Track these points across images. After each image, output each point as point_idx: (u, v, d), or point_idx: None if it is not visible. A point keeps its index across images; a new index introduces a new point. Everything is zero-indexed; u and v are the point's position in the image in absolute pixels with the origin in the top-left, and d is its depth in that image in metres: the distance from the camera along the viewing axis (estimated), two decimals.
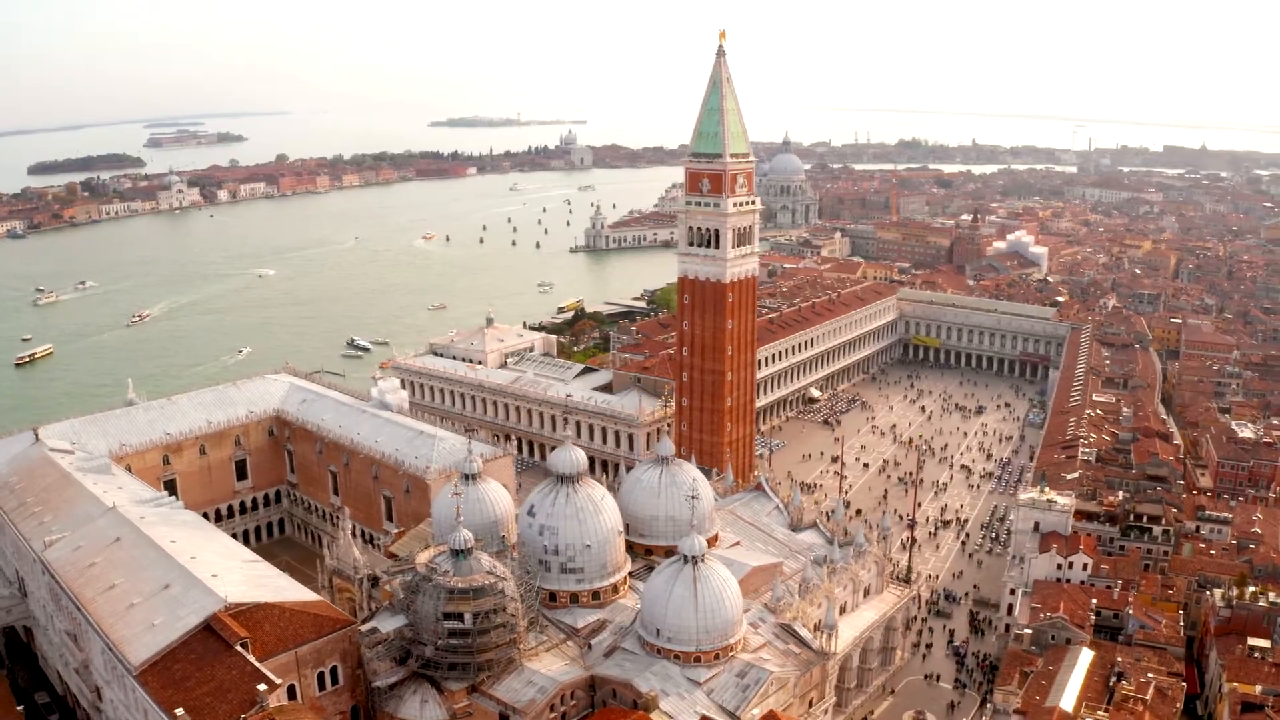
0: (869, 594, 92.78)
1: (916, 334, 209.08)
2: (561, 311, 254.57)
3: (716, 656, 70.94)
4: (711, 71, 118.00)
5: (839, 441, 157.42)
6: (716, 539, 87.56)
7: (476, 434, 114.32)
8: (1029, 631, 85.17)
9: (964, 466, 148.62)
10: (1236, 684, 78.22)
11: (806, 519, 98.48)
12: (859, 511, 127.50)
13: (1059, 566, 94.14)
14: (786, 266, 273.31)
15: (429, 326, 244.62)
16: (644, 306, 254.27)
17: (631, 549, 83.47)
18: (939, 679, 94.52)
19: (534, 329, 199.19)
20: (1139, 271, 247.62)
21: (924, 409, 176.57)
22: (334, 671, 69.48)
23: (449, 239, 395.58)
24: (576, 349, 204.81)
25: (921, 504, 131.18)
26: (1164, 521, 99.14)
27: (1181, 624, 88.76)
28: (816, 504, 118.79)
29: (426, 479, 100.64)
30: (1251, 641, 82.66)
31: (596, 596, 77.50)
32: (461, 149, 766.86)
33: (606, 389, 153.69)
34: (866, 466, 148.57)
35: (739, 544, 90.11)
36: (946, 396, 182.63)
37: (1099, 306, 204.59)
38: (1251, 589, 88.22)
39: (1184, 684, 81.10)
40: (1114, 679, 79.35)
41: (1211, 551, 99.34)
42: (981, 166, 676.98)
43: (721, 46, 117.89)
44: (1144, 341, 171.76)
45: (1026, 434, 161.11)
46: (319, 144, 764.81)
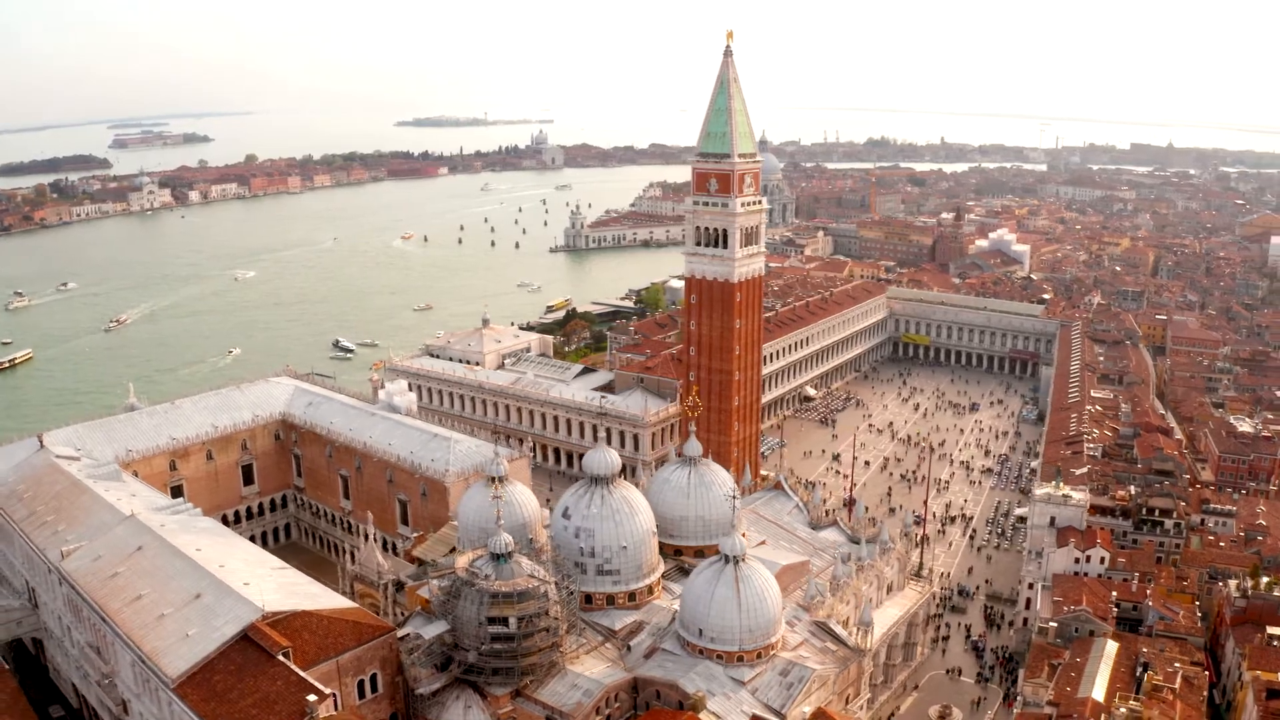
0: (891, 590, 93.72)
1: (906, 332, 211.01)
2: (550, 311, 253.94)
3: (758, 656, 71.08)
4: (719, 71, 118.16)
5: (838, 439, 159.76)
6: (744, 539, 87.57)
7: (502, 437, 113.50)
8: (1054, 624, 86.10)
9: (963, 463, 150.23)
10: (1259, 672, 79.63)
11: (819, 516, 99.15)
12: (866, 509, 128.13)
13: (1076, 560, 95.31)
14: (772, 265, 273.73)
15: (416, 327, 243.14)
16: (631, 306, 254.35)
17: (660, 549, 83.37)
18: (960, 673, 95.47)
19: (525, 329, 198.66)
20: (1119, 269, 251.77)
21: (918, 406, 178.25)
22: (374, 679, 68.71)
23: (427, 239, 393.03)
24: (568, 349, 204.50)
25: (926, 501, 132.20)
26: (1175, 515, 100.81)
27: (1198, 615, 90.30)
28: (824, 501, 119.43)
29: (445, 482, 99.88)
30: (1271, 630, 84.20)
31: (633, 598, 77.34)
32: (429, 149, 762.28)
33: (607, 389, 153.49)
34: (868, 464, 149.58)
35: (764, 543, 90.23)
36: (940, 394, 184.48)
37: (1084, 304, 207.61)
38: (1266, 579, 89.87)
39: (1208, 673, 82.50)
40: (1140, 669, 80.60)
41: (1221, 544, 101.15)
42: (952, 165, 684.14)
43: (729, 47, 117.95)
44: (1134, 338, 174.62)
45: (1023, 430, 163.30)
46: (286, 144, 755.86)
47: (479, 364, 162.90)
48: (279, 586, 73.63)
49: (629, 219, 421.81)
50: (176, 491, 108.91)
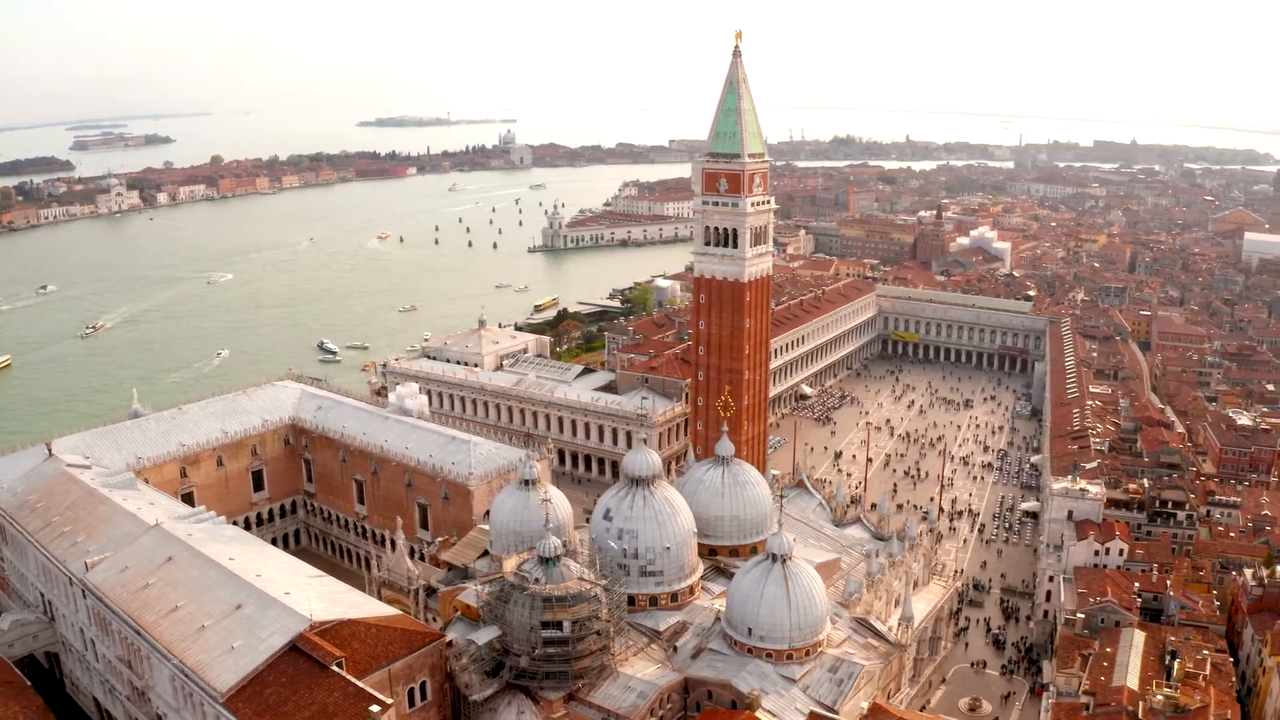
0: (916, 586, 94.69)
1: (896, 330, 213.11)
2: (538, 310, 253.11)
3: (807, 653, 71.54)
4: (728, 72, 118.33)
5: (836, 436, 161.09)
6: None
7: (533, 441, 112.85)
8: (1081, 616, 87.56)
9: (963, 459, 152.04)
10: None
11: (842, 514, 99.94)
12: (873, 505, 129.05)
13: (1096, 553, 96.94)
14: None
15: (402, 329, 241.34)
16: (618, 306, 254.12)
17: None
18: (985, 666, 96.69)
19: (517, 330, 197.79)
20: (1097, 265, 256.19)
21: (913, 403, 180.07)
22: (423, 687, 68.10)
23: (403, 240, 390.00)
24: (560, 349, 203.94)
25: (934, 497, 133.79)
26: (1187, 506, 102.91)
27: (1216, 604, 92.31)
28: (830, 498, 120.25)
29: (469, 485, 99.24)
30: None
31: (675, 599, 77.47)
32: (392, 149, 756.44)
33: (608, 389, 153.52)
34: (870, 461, 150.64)
35: (795, 541, 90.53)
36: (933, 391, 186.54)
37: (1068, 300, 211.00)
38: None
39: (1232, 660, 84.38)
40: (1168, 657, 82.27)
41: (1232, 534, 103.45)
42: (919, 163, 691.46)
43: (738, 47, 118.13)
44: (1124, 334, 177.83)
45: (1019, 426, 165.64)
46: (249, 145, 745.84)
47: (477, 365, 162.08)
48: (320, 595, 72.74)
49: (606, 219, 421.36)
50: (187, 499, 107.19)
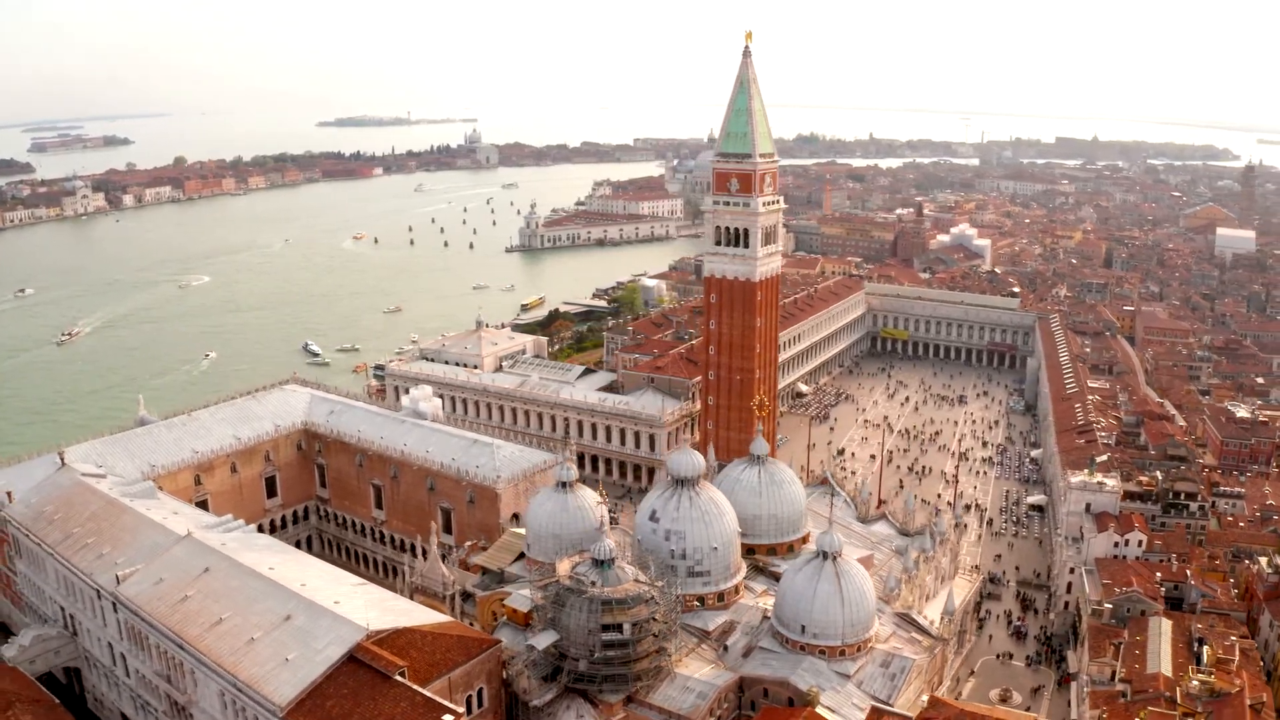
0: (943, 580, 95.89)
1: (885, 327, 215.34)
2: (525, 310, 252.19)
3: (858, 649, 72.33)
4: (738, 72, 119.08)
5: (835, 432, 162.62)
6: (809, 536, 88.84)
7: (566, 445, 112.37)
8: (1109, 606, 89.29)
9: (963, 454, 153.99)
10: None
11: (867, 511, 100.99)
12: (881, 501, 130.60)
13: (1115, 544, 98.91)
14: None
15: (388, 330, 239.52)
16: (605, 306, 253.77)
17: None
18: (1011, 657, 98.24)
19: (515, 330, 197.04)
20: (1075, 261, 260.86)
21: (908, 400, 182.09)
22: (480, 694, 67.72)
23: (378, 241, 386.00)
24: (552, 349, 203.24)
25: (941, 493, 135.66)
26: (1199, 498, 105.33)
27: (1234, 592, 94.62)
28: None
29: (497, 488, 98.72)
30: None
31: (721, 598, 77.84)
32: (354, 149, 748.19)
33: (610, 389, 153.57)
34: (873, 458, 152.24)
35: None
36: (926, 387, 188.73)
37: (1051, 296, 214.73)
38: None
39: (1256, 646, 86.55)
40: (1196, 644, 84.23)
41: (1241, 524, 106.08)
42: (885, 160, 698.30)
43: (748, 47, 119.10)
44: (1113, 329, 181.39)
45: (1014, 421, 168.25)
46: (209, 146, 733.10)
47: (477, 367, 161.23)
48: (368, 603, 71.82)
49: (581, 218, 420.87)
50: (201, 506, 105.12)
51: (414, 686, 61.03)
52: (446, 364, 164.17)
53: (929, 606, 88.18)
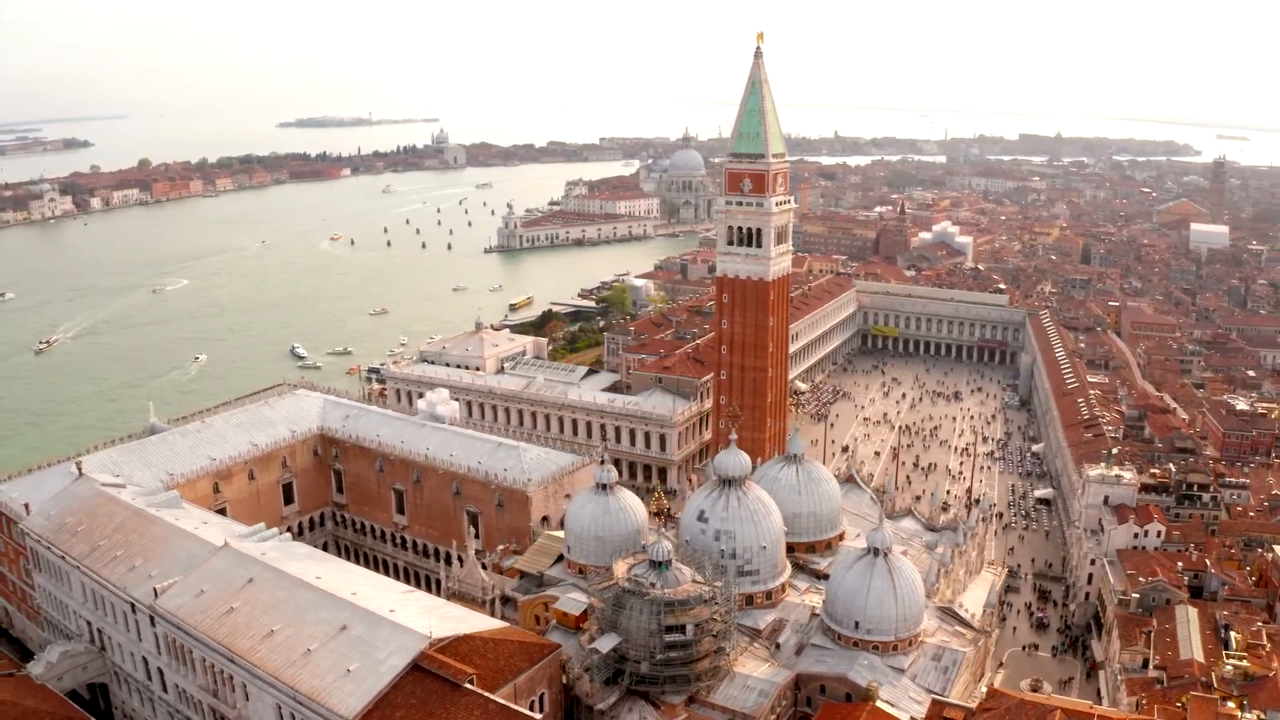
0: (970, 574, 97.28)
1: (876, 325, 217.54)
2: (514, 310, 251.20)
3: (910, 644, 73.10)
4: (750, 73, 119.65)
5: (836, 428, 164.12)
6: (845, 533, 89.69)
7: (601, 449, 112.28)
8: (1136, 595, 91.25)
9: (965, 449, 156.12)
10: None
11: (892, 507, 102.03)
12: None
13: (1135, 535, 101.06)
14: None
15: (376, 333, 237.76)
16: (593, 306, 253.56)
17: None
18: (1037, 648, 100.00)
19: (514, 332, 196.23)
20: (1054, 257, 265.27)
21: (904, 396, 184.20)
22: (541, 699, 67.54)
23: (354, 242, 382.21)
24: (545, 349, 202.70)
25: (951, 489, 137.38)
26: (1211, 489, 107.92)
27: (1251, 579, 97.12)
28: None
29: (528, 491, 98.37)
30: None
31: (769, 596, 78.29)
32: (316, 149, 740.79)
33: (615, 389, 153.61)
34: (878, 454, 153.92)
35: (860, 535, 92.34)
36: (920, 384, 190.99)
37: (1036, 293, 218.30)
38: None
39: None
40: (1222, 630, 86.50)
41: (1251, 514, 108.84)
42: (852, 158, 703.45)
43: (759, 48, 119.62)
44: (1103, 324, 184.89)
45: (1011, 416, 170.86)
46: (171, 148, 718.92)
47: (479, 369, 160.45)
48: (424, 611, 71.24)
49: (559, 218, 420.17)
50: (221, 514, 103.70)
51: (486, 694, 60.66)
52: (447, 366, 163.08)
53: (962, 599, 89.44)
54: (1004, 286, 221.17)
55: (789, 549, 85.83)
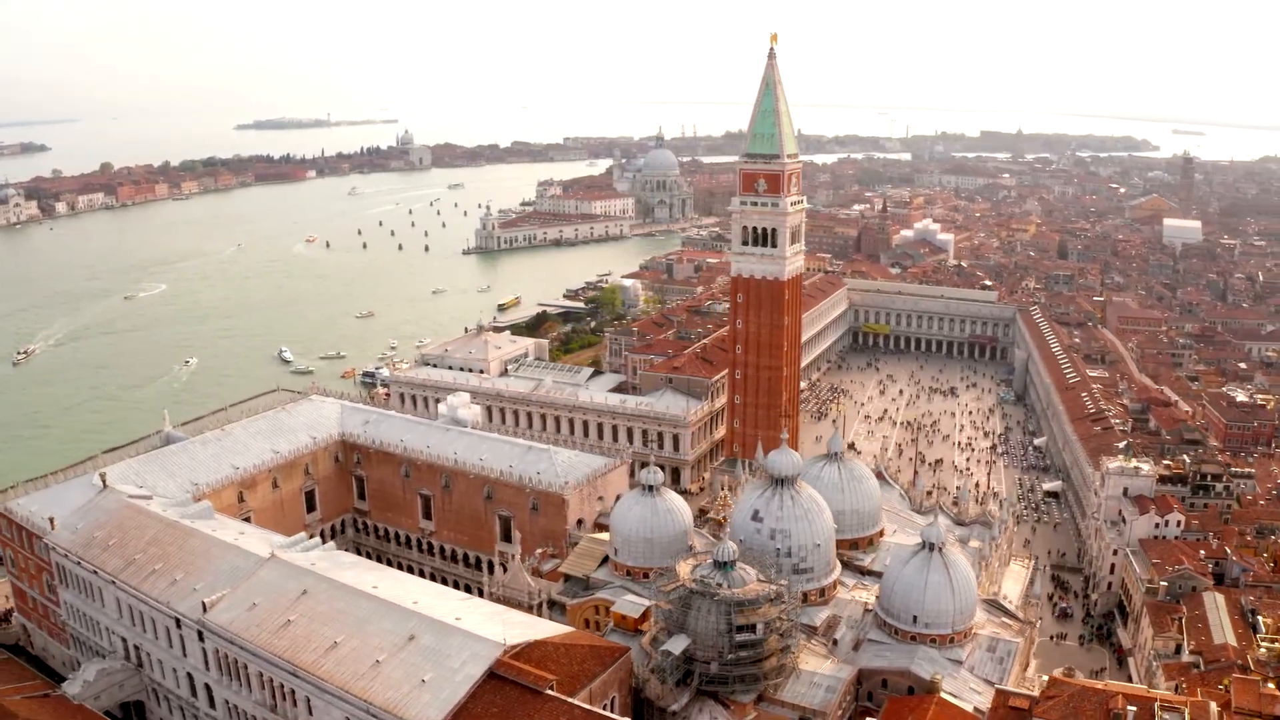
0: (1001, 566, 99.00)
1: (866, 322, 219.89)
2: (502, 310, 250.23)
3: (964, 636, 74.38)
4: (764, 74, 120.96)
5: (837, 426, 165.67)
6: (884, 530, 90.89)
7: (629, 451, 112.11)
8: (1164, 584, 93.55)
9: (968, 444, 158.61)
10: None
11: (921, 503, 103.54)
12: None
13: (1156, 525, 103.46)
14: (710, 261, 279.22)
15: (365, 336, 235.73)
16: (582, 306, 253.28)
17: None
18: (1065, 638, 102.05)
19: (495, 331, 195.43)
20: (1033, 254, 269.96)
21: (901, 393, 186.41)
22: (612, 702, 67.65)
23: (329, 245, 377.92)
24: None
25: (961, 485, 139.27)
26: (1224, 479, 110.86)
27: (1269, 565, 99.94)
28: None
29: (564, 494, 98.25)
30: None
31: (823, 594, 79.16)
32: (276, 151, 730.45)
33: (621, 390, 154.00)
34: (885, 451, 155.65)
35: (897, 530, 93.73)
36: (916, 381, 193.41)
37: (1021, 289, 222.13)
38: None
39: None
40: (1250, 615, 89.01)
41: (1261, 502, 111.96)
42: (817, 156, 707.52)
43: (773, 49, 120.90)
44: (1094, 319, 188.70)
45: (1009, 411, 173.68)
46: (131, 151, 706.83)
47: (483, 371, 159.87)
48: (487, 617, 71.06)
49: (537, 218, 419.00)
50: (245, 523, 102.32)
51: (569, 700, 60.67)
52: (450, 369, 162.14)
53: (1004, 591, 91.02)
54: (990, 283, 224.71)
55: None
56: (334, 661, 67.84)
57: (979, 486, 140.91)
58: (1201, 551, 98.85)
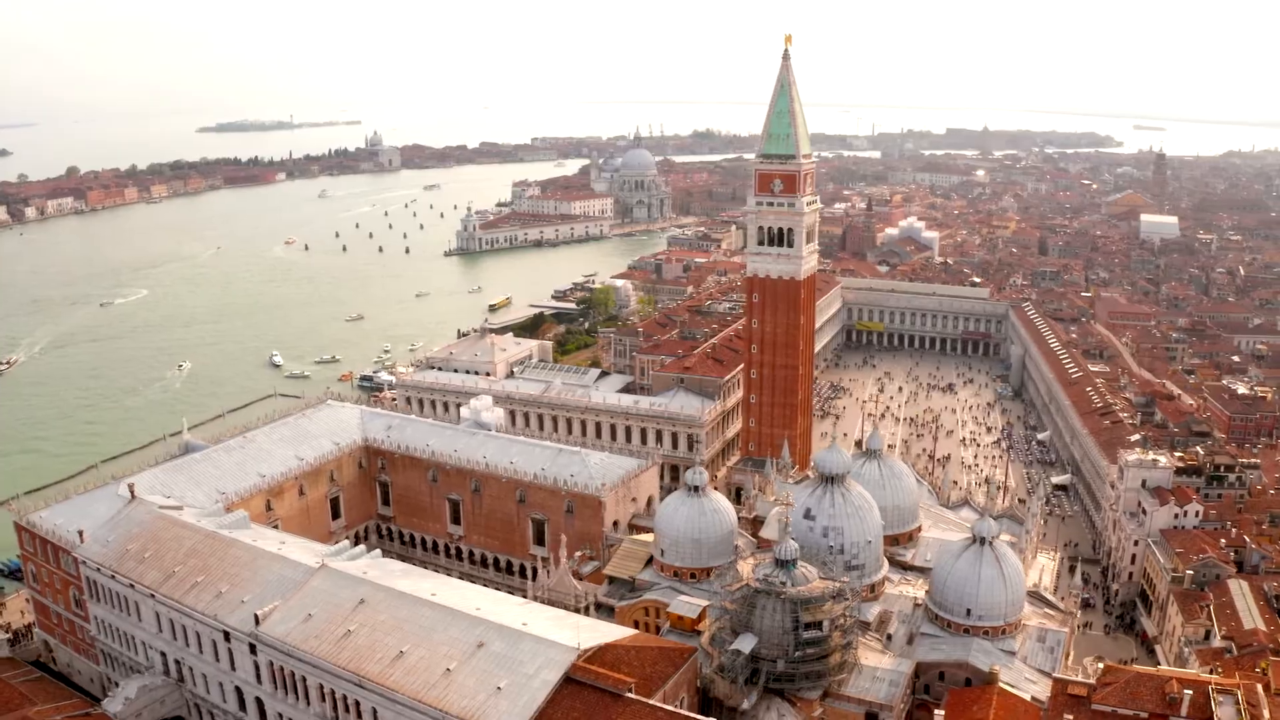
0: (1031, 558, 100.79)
1: (860, 320, 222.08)
2: (494, 310, 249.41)
3: (1015, 627, 75.84)
4: (779, 75, 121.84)
5: (840, 422, 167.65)
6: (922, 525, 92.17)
7: (696, 455, 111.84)
8: (1190, 572, 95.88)
9: (971, 440, 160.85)
10: None
11: (948, 496, 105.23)
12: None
13: (1175, 516, 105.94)
14: (699, 261, 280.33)
15: (356, 340, 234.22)
16: (574, 308, 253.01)
17: None
18: (1090, 627, 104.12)
19: (496, 332, 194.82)
20: (1015, 250, 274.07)
21: (901, 389, 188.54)
22: (682, 703, 68.00)
23: (308, 247, 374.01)
24: None
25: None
26: (1236, 470, 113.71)
27: None
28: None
29: (601, 497, 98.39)
30: None
31: (873, 589, 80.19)
32: (241, 154, 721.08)
33: (630, 390, 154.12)
34: (892, 448, 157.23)
35: (930, 525, 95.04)
36: (913, 377, 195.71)
37: (1010, 285, 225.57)
38: None
39: None
40: (1275, 601, 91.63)
41: (1271, 492, 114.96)
42: None
43: (787, 50, 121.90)
44: (1087, 315, 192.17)
45: (1009, 407, 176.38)
46: (95, 155, 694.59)
47: (489, 374, 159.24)
48: (554, 620, 71.21)
49: (517, 219, 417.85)
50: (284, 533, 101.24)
51: (651, 702, 61.06)
52: (455, 372, 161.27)
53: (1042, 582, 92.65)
54: (978, 280, 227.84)
55: None
56: (402, 671, 67.30)
57: (989, 481, 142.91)
58: (1222, 540, 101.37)
